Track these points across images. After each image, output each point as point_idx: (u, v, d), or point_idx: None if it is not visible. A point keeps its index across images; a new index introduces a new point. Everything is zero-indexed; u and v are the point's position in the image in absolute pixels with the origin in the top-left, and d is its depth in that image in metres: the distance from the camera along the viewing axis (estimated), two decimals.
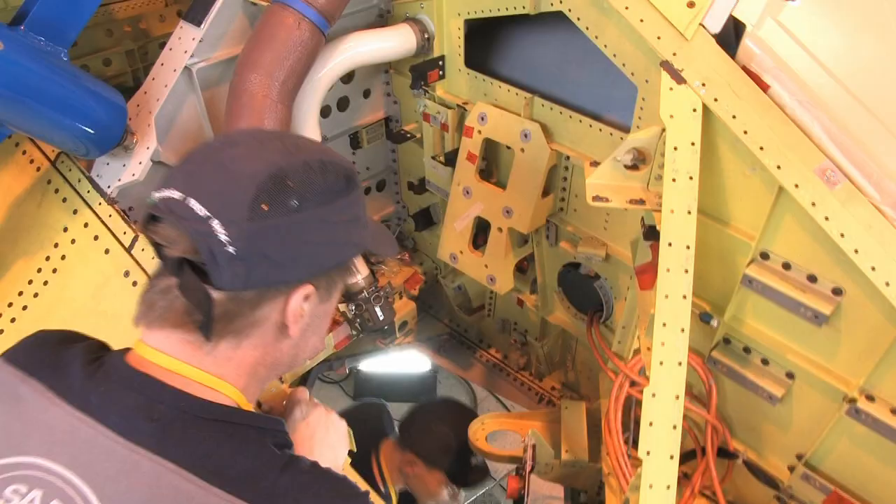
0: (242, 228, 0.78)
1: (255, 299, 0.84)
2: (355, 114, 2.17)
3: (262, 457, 0.83)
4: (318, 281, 0.89)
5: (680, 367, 1.31)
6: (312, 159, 0.86)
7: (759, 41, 1.37)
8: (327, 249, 0.88)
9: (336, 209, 0.87)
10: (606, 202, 1.44)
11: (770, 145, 1.32)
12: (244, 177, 0.80)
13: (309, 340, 0.96)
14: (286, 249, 0.82)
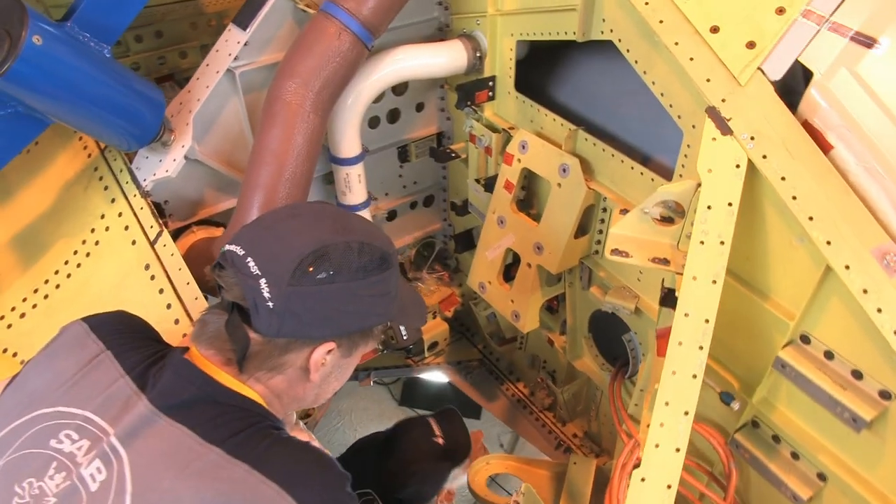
0: (282, 290, 0.96)
1: (285, 346, 1.02)
2: (406, 126, 2.12)
3: (261, 431, 1.00)
4: (341, 340, 1.06)
5: (677, 454, 1.16)
6: (354, 240, 1.02)
7: (828, 93, 1.18)
8: (352, 316, 1.04)
9: (366, 284, 1.03)
10: (626, 257, 1.30)
11: (822, 216, 1.14)
12: (294, 248, 0.99)
13: (331, 385, 1.15)
14: (315, 312, 1.00)
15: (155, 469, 0.91)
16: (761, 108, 1.21)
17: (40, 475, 0.92)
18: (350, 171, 1.90)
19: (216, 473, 0.91)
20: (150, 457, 0.92)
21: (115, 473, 0.91)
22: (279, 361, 1.03)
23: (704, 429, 1.46)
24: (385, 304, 1.09)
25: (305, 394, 1.13)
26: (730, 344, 1.47)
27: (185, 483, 0.90)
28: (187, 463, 0.91)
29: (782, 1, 1.22)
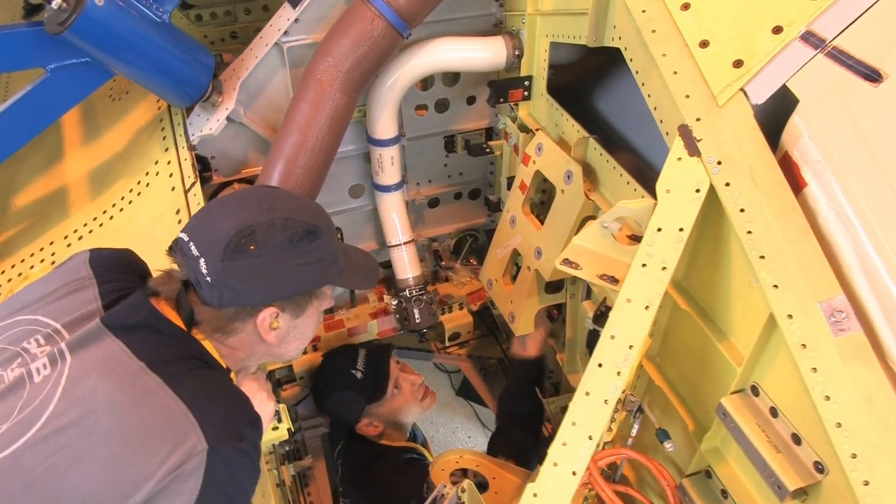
0: (216, 267, 1.11)
1: (232, 314, 1.17)
2: (454, 118, 2.14)
3: (188, 360, 1.12)
4: (283, 304, 1.19)
5: (573, 477, 1.11)
6: (277, 217, 1.16)
7: (812, 123, 1.07)
8: (286, 283, 1.18)
9: (295, 255, 1.16)
10: (576, 269, 1.26)
11: (774, 256, 1.04)
12: (223, 230, 1.13)
13: (292, 343, 1.29)
14: (248, 283, 1.13)
15: (86, 371, 1.04)
16: (735, 131, 1.11)
17: (5, 366, 1.06)
18: (384, 153, 1.98)
19: (132, 381, 1.03)
20: (86, 362, 1.05)
21: (55, 372, 1.04)
22: (230, 327, 1.18)
23: (657, 467, 1.37)
24: (319, 270, 1.21)
25: (261, 353, 1.27)
26: (693, 383, 1.37)
27: (104, 384, 1.02)
28: (112, 369, 1.04)
29: (781, 20, 1.11)
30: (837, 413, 0.96)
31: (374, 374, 1.97)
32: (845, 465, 0.94)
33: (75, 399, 1.01)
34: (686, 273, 1.32)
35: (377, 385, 1.96)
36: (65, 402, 1.01)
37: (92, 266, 1.22)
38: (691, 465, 1.36)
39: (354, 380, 1.97)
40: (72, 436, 0.98)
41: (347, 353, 2.04)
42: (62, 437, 0.98)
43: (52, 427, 0.99)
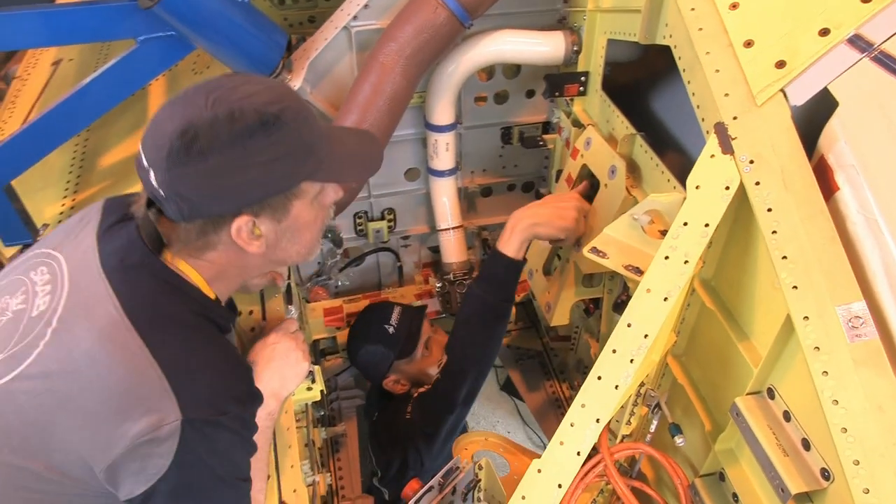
0: (164, 176, 0.99)
1: (200, 229, 1.06)
2: (513, 110, 2.18)
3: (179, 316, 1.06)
4: (255, 210, 1.05)
5: (577, 457, 1.14)
6: (223, 111, 0.98)
7: (849, 128, 1.06)
8: (248, 186, 1.02)
9: (251, 152, 0.99)
10: (603, 258, 1.28)
11: (797, 258, 1.03)
12: (165, 134, 0.99)
13: (288, 249, 1.14)
14: (202, 190, 1.00)
15: (75, 315, 1.02)
16: (771, 131, 1.11)
17: (12, 294, 1.08)
18: (439, 138, 2.04)
19: (115, 336, 0.99)
20: (76, 305, 1.03)
21: (50, 309, 1.03)
22: (201, 242, 1.07)
23: (672, 465, 1.37)
24: (289, 165, 1.04)
25: (251, 265, 1.16)
26: (714, 382, 1.37)
27: (89, 334, 0.99)
28: (98, 320, 1.00)
29: (830, 22, 1.10)
30: (844, 418, 0.95)
31: (405, 330, 2.00)
32: (847, 472, 0.94)
33: (62, 344, 1.00)
34: (715, 273, 1.32)
35: (408, 342, 1.98)
36: (53, 344, 1.00)
37: (104, 205, 1.19)
38: (705, 465, 1.35)
39: (386, 334, 1.99)
40: (58, 381, 0.98)
41: (383, 309, 2.08)
42: (49, 380, 0.99)
43: (40, 367, 0.99)
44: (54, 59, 2.54)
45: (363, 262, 2.43)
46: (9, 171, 1.72)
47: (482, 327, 1.68)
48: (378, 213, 2.30)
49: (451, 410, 1.71)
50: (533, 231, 1.62)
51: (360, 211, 2.28)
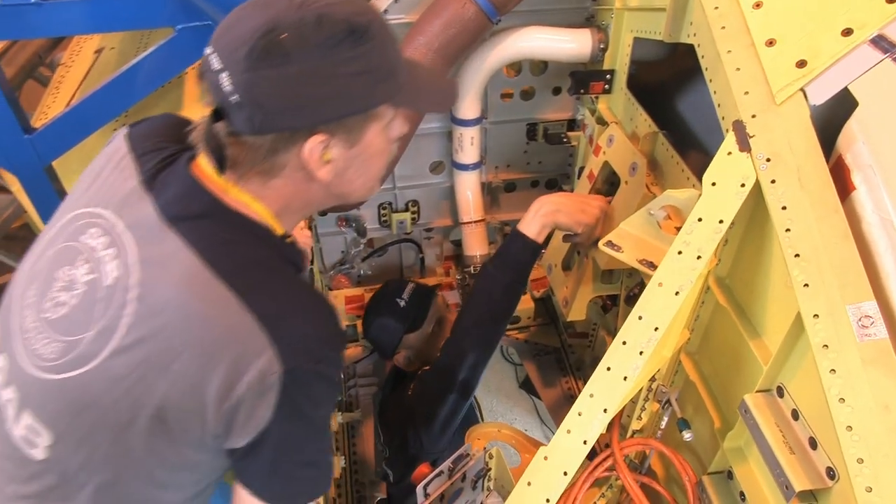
0: (241, 79, 0.89)
1: (271, 146, 0.95)
2: (538, 106, 2.20)
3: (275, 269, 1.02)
4: (331, 129, 0.96)
5: (583, 446, 1.16)
6: (310, 14, 0.90)
7: (868, 128, 1.06)
8: (328, 101, 0.94)
9: (335, 62, 0.91)
10: (618, 251, 1.29)
11: (809, 256, 1.04)
12: (245, 33, 0.89)
13: (354, 181, 1.07)
14: (280, 99, 0.91)
15: (155, 274, 0.95)
16: (789, 130, 1.11)
17: (73, 264, 1.01)
18: (464, 132, 2.07)
19: (203, 292, 0.94)
20: (152, 262, 0.96)
21: (124, 273, 0.97)
22: (270, 163, 0.98)
23: (680, 461, 1.38)
24: (370, 84, 0.96)
25: (315, 196, 1.07)
26: (725, 380, 1.37)
27: (176, 294, 0.94)
28: (179, 275, 0.94)
29: (853, 22, 1.10)
30: (850, 416, 0.95)
31: (415, 305, 2.02)
32: (850, 470, 0.94)
33: (150, 308, 0.95)
34: (730, 271, 1.32)
35: (417, 315, 2.00)
36: (139, 310, 0.95)
37: (130, 140, 1.09)
38: (713, 463, 1.36)
39: (397, 308, 2.01)
40: (152, 347, 0.94)
41: (397, 284, 2.10)
42: (144, 347, 0.94)
43: (133, 336, 0.94)
44: (97, 47, 2.63)
45: (386, 253, 2.48)
46: (51, 152, 1.80)
47: (489, 306, 1.65)
48: (402, 205, 2.34)
49: (448, 390, 1.68)
50: (555, 218, 1.59)
51: (384, 202, 2.33)
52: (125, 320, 0.95)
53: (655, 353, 1.32)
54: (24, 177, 1.80)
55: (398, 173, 2.28)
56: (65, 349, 0.98)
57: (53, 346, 0.99)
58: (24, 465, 1.03)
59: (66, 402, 0.98)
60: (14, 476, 1.04)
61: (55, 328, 0.99)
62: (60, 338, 0.99)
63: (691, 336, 1.47)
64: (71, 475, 1.01)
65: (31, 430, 1.01)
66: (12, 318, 1.05)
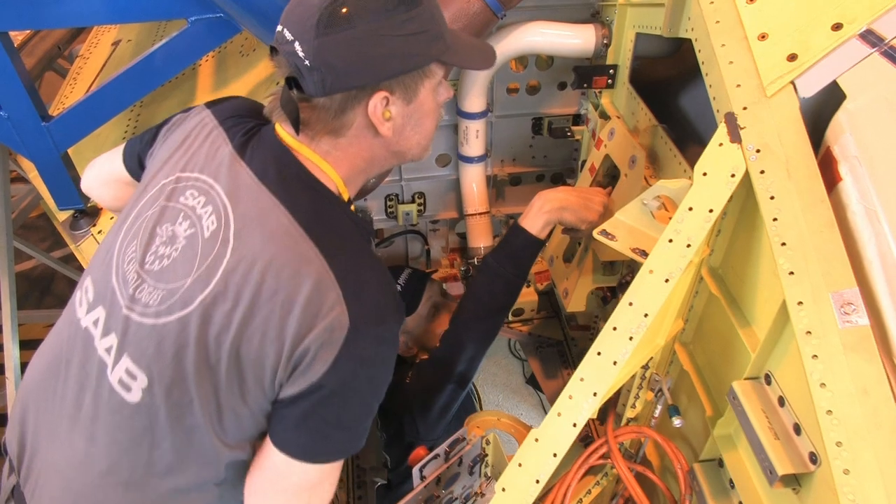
0: (312, 45, 1.05)
1: (340, 105, 1.10)
2: (544, 101, 2.22)
3: (352, 235, 1.13)
4: (391, 86, 1.11)
5: (573, 428, 1.19)
6: None
7: (855, 120, 1.08)
8: (389, 59, 1.09)
9: (392, 25, 1.07)
10: (612, 240, 1.32)
11: (795, 244, 1.06)
12: (312, 7, 1.06)
13: (411, 138, 1.20)
14: (347, 59, 1.06)
15: (250, 227, 1.08)
16: (778, 122, 1.14)
17: (173, 222, 1.14)
18: (469, 125, 2.10)
19: (293, 247, 1.06)
20: (247, 217, 1.09)
21: (222, 226, 1.10)
22: (339, 121, 1.12)
23: (673, 449, 1.40)
24: (424, 43, 1.12)
25: (380, 153, 1.20)
26: (717, 368, 1.40)
27: (268, 246, 1.06)
28: (275, 232, 1.07)
29: (842, 17, 1.12)
30: (830, 401, 0.98)
31: (410, 290, 2.06)
32: (829, 453, 0.96)
33: (243, 258, 1.06)
34: (723, 261, 1.34)
35: (411, 300, 2.04)
36: (234, 259, 1.07)
37: (215, 115, 1.24)
38: (704, 451, 1.38)
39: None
40: (243, 294, 1.05)
41: (394, 271, 2.14)
42: (235, 294, 1.05)
43: (226, 284, 1.06)
44: (114, 39, 2.70)
45: (392, 244, 2.52)
46: (66, 140, 1.86)
47: (489, 299, 1.68)
48: (409, 197, 2.38)
49: (446, 380, 1.71)
50: (560, 215, 1.61)
51: (391, 193, 2.36)
52: (221, 269, 1.07)
53: (648, 340, 1.36)
54: (41, 163, 1.85)
55: (405, 166, 2.32)
56: (165, 296, 1.10)
57: (156, 294, 1.11)
58: (119, 410, 1.12)
59: (163, 345, 1.09)
60: (109, 422, 1.13)
61: (157, 278, 1.12)
62: (162, 286, 1.11)
63: (686, 326, 1.49)
64: (161, 420, 1.10)
65: (128, 374, 1.11)
66: (113, 273, 1.17)
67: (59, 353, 1.20)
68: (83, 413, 1.14)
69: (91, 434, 1.13)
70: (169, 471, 1.13)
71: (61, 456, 1.17)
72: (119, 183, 1.46)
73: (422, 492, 1.52)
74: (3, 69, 1.68)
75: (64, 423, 1.16)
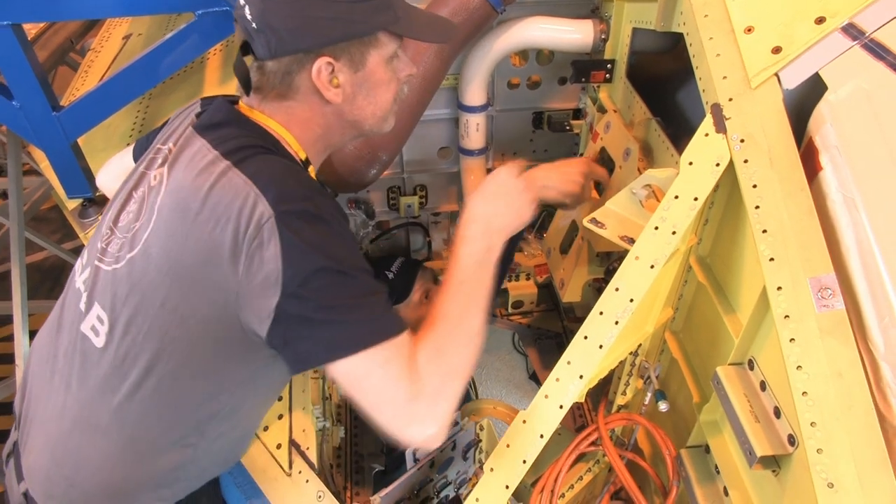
0: (258, 7, 1.09)
1: (286, 67, 1.13)
2: (544, 96, 2.25)
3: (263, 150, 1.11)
4: (335, 52, 1.13)
5: (560, 410, 1.22)
6: None
7: (836, 111, 1.10)
8: (332, 22, 1.11)
9: None
10: (601, 228, 1.35)
11: (776, 231, 1.09)
12: None
13: (364, 108, 1.21)
14: (290, 22, 1.08)
15: (180, 167, 1.12)
16: (762, 113, 1.17)
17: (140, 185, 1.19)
18: (470, 119, 2.13)
19: (209, 167, 1.08)
20: (179, 160, 1.13)
21: (163, 174, 1.15)
22: (286, 85, 1.14)
23: (661, 435, 1.43)
24: (369, 11, 1.13)
25: (332, 120, 1.20)
26: (704, 355, 1.42)
27: (188, 173, 1.10)
28: (195, 161, 1.11)
29: (825, 11, 1.15)
30: (806, 382, 1.01)
31: (402, 279, 2.11)
32: (804, 433, 0.99)
33: (174, 193, 1.11)
34: (711, 250, 1.37)
35: (403, 288, 2.08)
36: (165, 195, 1.12)
37: (201, 102, 1.29)
38: (691, 437, 1.41)
39: (385, 280, 2.10)
40: (175, 224, 1.07)
41: (388, 259, 2.20)
42: (169, 226, 1.08)
43: (162, 218, 1.10)
44: (125, 33, 2.75)
45: (394, 236, 2.56)
46: (76, 129, 1.91)
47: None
48: (411, 189, 2.42)
49: None
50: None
51: (393, 185, 2.40)
52: (156, 207, 1.12)
53: (636, 327, 1.39)
54: (51, 152, 1.90)
55: (407, 158, 2.36)
56: (123, 243, 1.16)
57: (117, 243, 1.17)
58: (89, 356, 1.17)
59: (119, 286, 1.14)
60: (80, 369, 1.18)
61: (121, 230, 1.18)
62: (122, 235, 1.17)
63: (676, 315, 1.52)
64: (119, 361, 1.13)
65: (97, 319, 1.16)
66: (97, 237, 1.24)
67: (56, 315, 1.27)
68: (66, 364, 1.20)
69: (68, 383, 1.19)
70: (130, 417, 1.15)
71: (46, 408, 1.23)
72: None
73: (415, 474, 1.56)
74: (17, 61, 1.73)
75: (52, 378, 1.23)
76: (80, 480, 1.20)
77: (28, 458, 1.26)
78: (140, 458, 1.20)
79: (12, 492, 1.29)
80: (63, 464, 1.20)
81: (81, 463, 1.19)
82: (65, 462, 1.20)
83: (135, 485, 1.22)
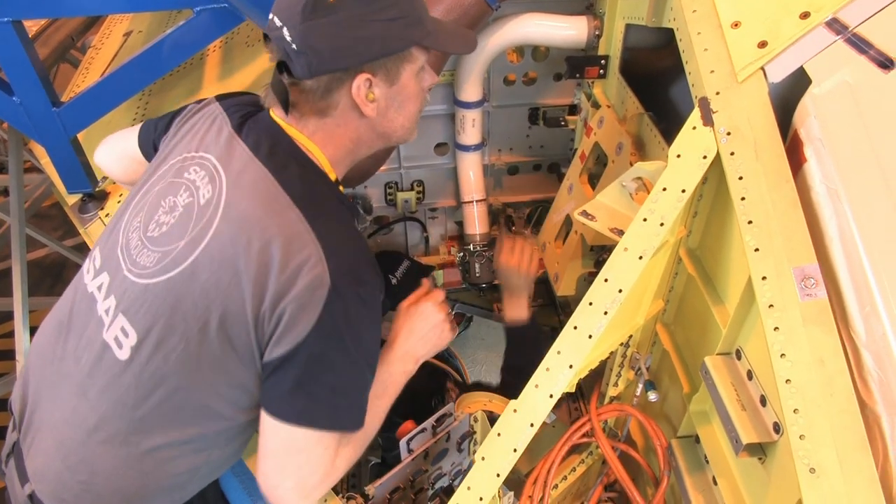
0: (298, 30, 1.12)
1: (326, 86, 1.18)
2: (540, 92, 2.27)
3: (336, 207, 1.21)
4: (373, 68, 1.18)
5: (549, 399, 1.24)
6: None
7: (820, 104, 1.12)
8: (370, 42, 1.16)
9: (374, 10, 1.14)
10: (591, 220, 1.37)
11: (761, 222, 1.11)
12: None
13: (395, 120, 1.27)
14: (331, 42, 1.13)
15: (241, 194, 1.15)
16: (748, 106, 1.18)
17: (175, 194, 1.22)
18: (466, 114, 2.15)
19: (278, 209, 1.13)
20: (240, 186, 1.16)
21: (216, 194, 1.18)
22: (326, 103, 1.19)
23: (652, 426, 1.45)
24: (403, 28, 1.18)
25: (365, 133, 1.26)
26: (694, 346, 1.44)
27: (255, 210, 1.13)
28: (263, 197, 1.14)
29: (810, 6, 1.16)
30: (789, 370, 1.02)
31: (407, 284, 2.11)
32: (787, 419, 1.01)
33: (231, 218, 1.14)
34: (700, 242, 1.39)
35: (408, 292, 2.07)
36: (224, 223, 1.14)
37: (221, 104, 1.33)
38: (682, 427, 1.43)
39: (388, 284, 2.10)
40: (227, 251, 1.11)
41: (393, 259, 2.20)
42: (221, 251, 1.12)
43: (214, 243, 1.13)
44: (126, 30, 2.78)
45: (391, 231, 2.58)
46: (76, 125, 1.93)
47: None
48: (408, 185, 2.44)
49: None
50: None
51: (390, 181, 2.42)
52: (211, 231, 1.14)
53: (626, 318, 1.41)
54: (51, 147, 1.92)
55: (404, 153, 2.38)
56: (160, 258, 1.17)
57: (152, 256, 1.19)
58: (110, 367, 1.19)
59: (155, 303, 1.16)
60: (100, 379, 1.20)
61: (155, 243, 1.20)
62: (158, 249, 1.19)
63: (667, 307, 1.54)
64: (146, 377, 1.17)
65: (122, 332, 1.19)
66: (119, 242, 1.26)
67: (63, 315, 1.28)
68: (79, 370, 1.21)
69: (84, 390, 1.20)
70: (152, 430, 1.19)
71: (57, 412, 1.24)
72: (130, 160, 1.53)
73: (409, 465, 1.58)
74: (17, 57, 1.76)
75: (62, 381, 1.24)
76: (95, 486, 1.22)
77: (35, 460, 1.27)
78: (158, 465, 1.23)
79: (14, 492, 1.31)
80: (78, 470, 1.22)
81: (97, 469, 1.22)
82: (79, 469, 1.22)
83: (151, 490, 1.25)
